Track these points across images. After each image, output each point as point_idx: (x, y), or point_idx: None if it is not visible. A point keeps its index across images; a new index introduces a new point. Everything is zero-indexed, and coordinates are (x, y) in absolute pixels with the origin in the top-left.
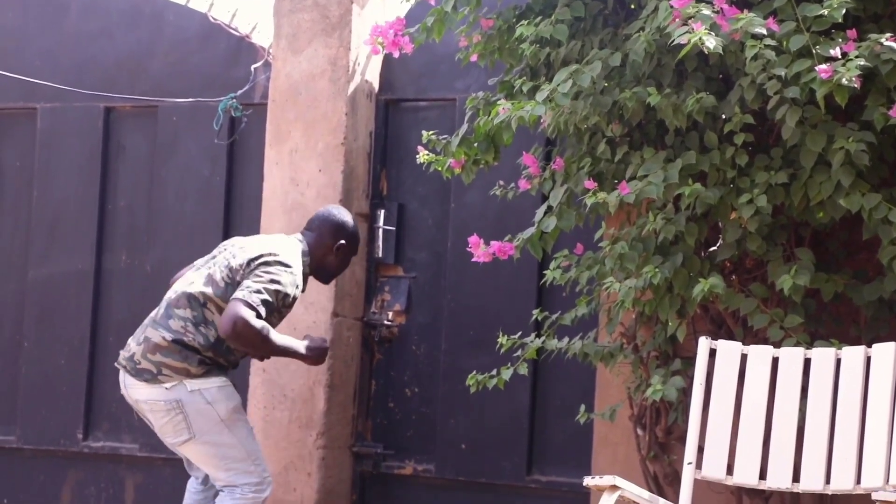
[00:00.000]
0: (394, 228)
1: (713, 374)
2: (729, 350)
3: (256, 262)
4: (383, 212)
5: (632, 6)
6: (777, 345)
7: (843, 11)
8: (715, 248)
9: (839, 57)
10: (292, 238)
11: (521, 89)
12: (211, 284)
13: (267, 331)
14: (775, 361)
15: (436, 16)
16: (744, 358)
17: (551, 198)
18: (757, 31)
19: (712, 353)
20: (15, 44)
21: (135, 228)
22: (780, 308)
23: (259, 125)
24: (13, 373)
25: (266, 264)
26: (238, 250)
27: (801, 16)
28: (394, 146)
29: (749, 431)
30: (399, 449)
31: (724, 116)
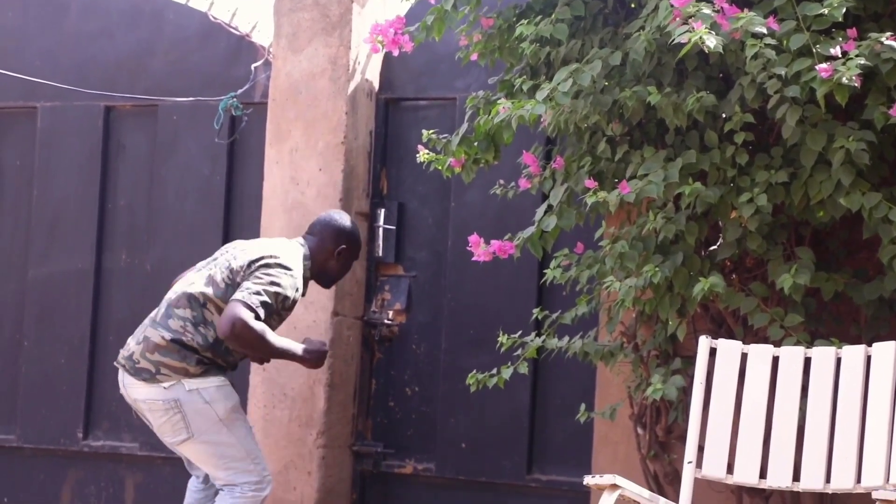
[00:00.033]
0: (394, 227)
1: (713, 373)
2: (729, 349)
3: (257, 263)
4: (383, 211)
5: (632, 5)
6: (777, 344)
7: (844, 10)
8: (715, 247)
9: (839, 56)
10: (294, 242)
11: (522, 88)
12: (211, 285)
13: (265, 332)
14: (775, 360)
15: (436, 14)
16: (744, 357)
17: (551, 197)
18: (757, 30)
19: (712, 352)
20: (15, 43)
21: (135, 227)
22: (780, 307)
23: (259, 124)
24: (13, 372)
25: (266, 266)
26: (239, 252)
27: (801, 15)
28: (394, 145)
29: (749, 430)
30: (399, 448)
31: (725, 115)
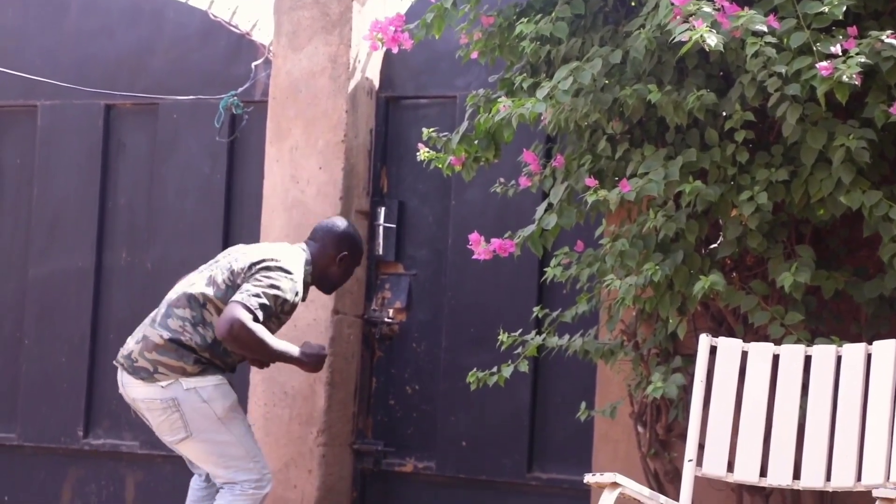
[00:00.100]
0: (394, 226)
1: (714, 372)
2: (729, 347)
3: (258, 266)
4: (384, 209)
5: (632, 3)
6: (777, 342)
7: (844, 8)
8: (715, 245)
9: (840, 54)
10: (296, 247)
11: (522, 86)
12: (212, 286)
13: (263, 334)
14: (776, 359)
15: (435, 12)
16: (744, 355)
17: (552, 195)
18: (757, 28)
19: (713, 350)
20: (15, 41)
21: (135, 226)
22: (780, 305)
23: (259, 123)
24: (14, 371)
25: (267, 269)
26: (241, 255)
27: (801, 13)
28: (394, 143)
29: (750, 429)
30: (400, 446)
31: (725, 114)
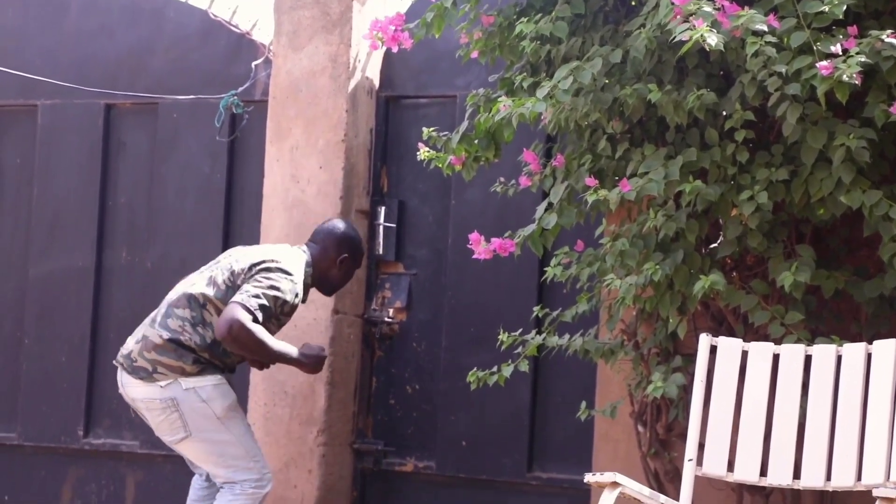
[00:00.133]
0: (394, 225)
1: (714, 371)
2: (730, 347)
3: (258, 266)
4: (384, 208)
5: (632, 3)
6: (778, 341)
7: (844, 8)
8: (716, 244)
9: (840, 53)
10: (297, 249)
11: (522, 86)
12: (212, 286)
13: (263, 335)
14: (776, 358)
15: (435, 11)
16: (744, 355)
17: (552, 195)
18: (758, 27)
19: (713, 349)
20: (15, 41)
21: (135, 225)
22: (780, 305)
23: (259, 122)
24: (14, 370)
25: (267, 270)
26: (242, 255)
27: (801, 12)
28: (394, 143)
29: (750, 428)
30: (400, 446)
31: (725, 113)
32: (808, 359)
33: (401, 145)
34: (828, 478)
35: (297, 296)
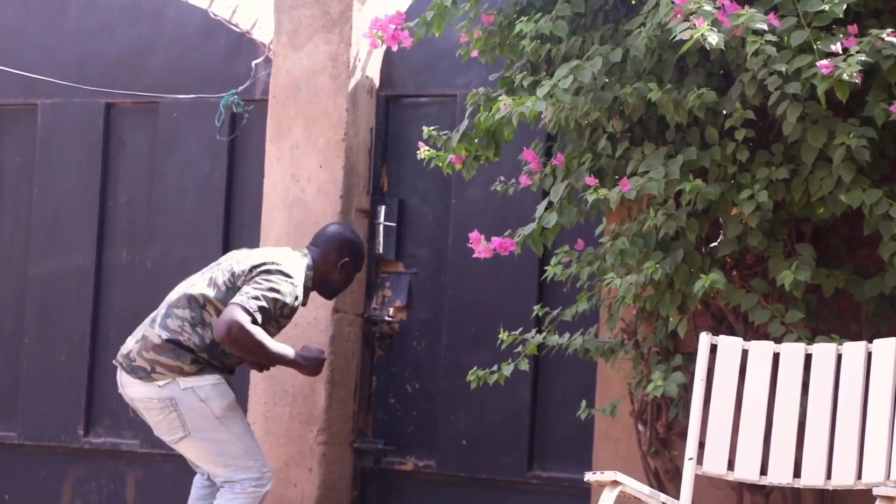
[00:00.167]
0: (394, 224)
1: (714, 370)
2: (730, 346)
3: (258, 268)
4: (384, 208)
5: (632, 2)
6: (778, 340)
7: (844, 7)
8: (716, 243)
9: (840, 52)
10: (298, 252)
11: (522, 85)
12: (212, 287)
13: (262, 337)
14: (776, 357)
15: (435, 10)
16: (745, 353)
17: (552, 194)
18: (758, 26)
19: (713, 348)
20: (15, 39)
21: (135, 225)
22: (780, 304)
23: (260, 121)
24: (14, 369)
25: (267, 272)
26: (243, 257)
27: (801, 11)
28: (394, 142)
29: (750, 427)
30: (400, 445)
31: (725, 112)
32: (808, 357)
33: (401, 144)
34: (828, 476)
35: (296, 298)
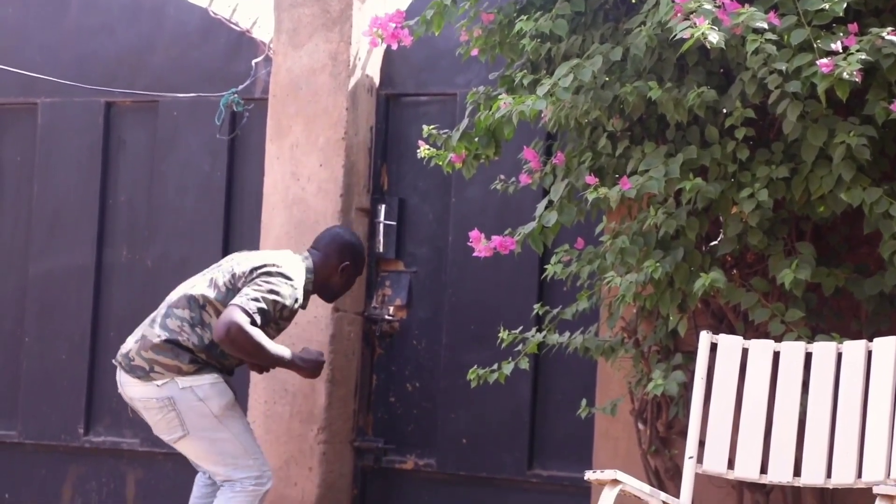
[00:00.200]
0: (394, 223)
1: (714, 369)
2: (730, 344)
3: (259, 270)
4: (384, 206)
5: (632, 1)
6: (778, 339)
7: (845, 5)
8: (716, 242)
9: (840, 51)
10: (298, 255)
11: (522, 83)
12: (213, 288)
13: (261, 338)
14: (776, 356)
15: (435, 9)
16: (745, 352)
17: (552, 192)
18: (758, 25)
19: (713, 347)
20: (15, 38)
21: (135, 223)
22: (781, 302)
23: (260, 120)
24: (14, 368)
25: (268, 274)
26: (244, 259)
27: (802, 10)
28: (394, 141)
29: (750, 426)
30: (400, 443)
31: (725, 111)
32: (808, 356)
33: (401, 143)
34: (828, 475)
35: (296, 301)
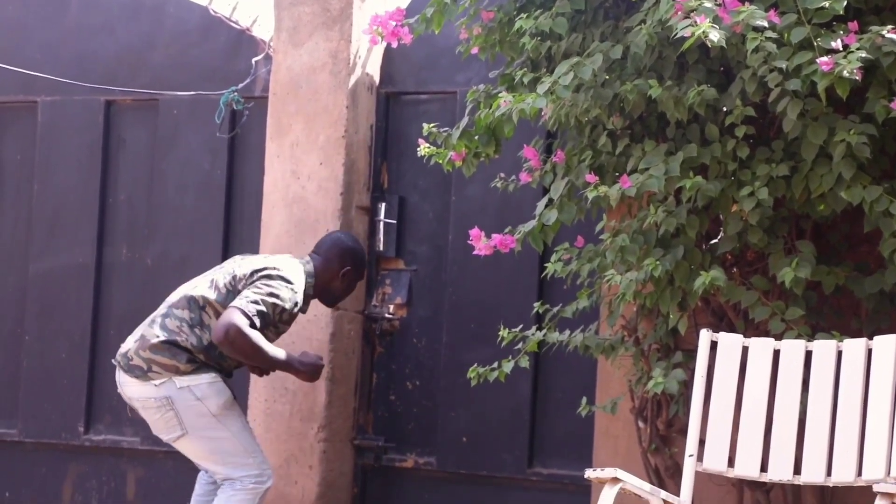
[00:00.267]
0: (395, 221)
1: (714, 367)
2: (730, 343)
3: (259, 273)
4: (384, 205)
5: None
6: (778, 337)
7: (845, 3)
8: (716, 240)
9: (840, 49)
10: (299, 259)
11: (523, 82)
12: (213, 289)
13: (259, 341)
14: (776, 354)
15: (435, 7)
16: (745, 350)
17: (552, 190)
18: (758, 23)
19: (713, 345)
20: (16, 37)
21: (135, 222)
22: (781, 301)
23: (260, 118)
24: (14, 366)
25: (268, 277)
26: (245, 262)
27: (802, 8)
28: (394, 139)
29: (750, 424)
30: (400, 442)
31: (726, 109)
32: (808, 354)
33: (401, 141)
34: (828, 473)
35: (296, 305)
